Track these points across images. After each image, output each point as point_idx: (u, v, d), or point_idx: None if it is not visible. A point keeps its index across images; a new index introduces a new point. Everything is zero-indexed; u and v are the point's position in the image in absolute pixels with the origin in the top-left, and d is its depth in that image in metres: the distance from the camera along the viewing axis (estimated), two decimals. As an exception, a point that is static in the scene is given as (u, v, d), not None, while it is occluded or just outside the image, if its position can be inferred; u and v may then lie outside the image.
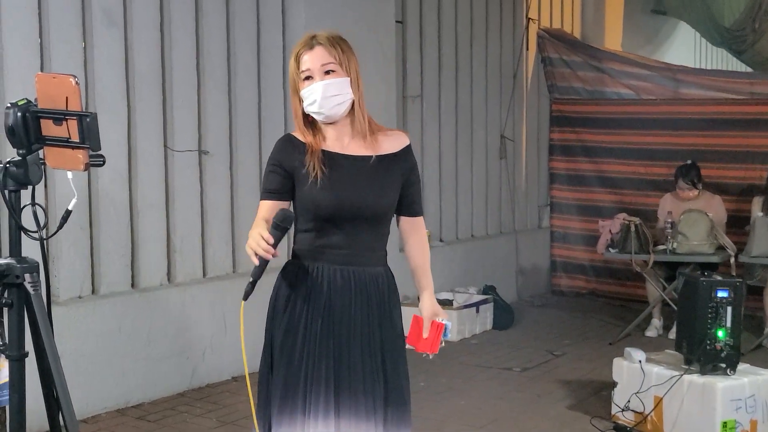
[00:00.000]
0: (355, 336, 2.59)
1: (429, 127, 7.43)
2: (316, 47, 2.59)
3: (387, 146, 2.67)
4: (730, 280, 4.51)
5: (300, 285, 2.63)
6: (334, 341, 2.59)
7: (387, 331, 2.67)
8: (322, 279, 2.61)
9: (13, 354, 2.36)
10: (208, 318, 5.40)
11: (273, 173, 2.65)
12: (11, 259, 2.35)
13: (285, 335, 2.62)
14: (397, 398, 2.65)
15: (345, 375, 2.57)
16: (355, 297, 2.61)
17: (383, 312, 2.67)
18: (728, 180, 7.53)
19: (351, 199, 2.57)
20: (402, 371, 2.70)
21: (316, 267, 2.62)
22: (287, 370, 2.59)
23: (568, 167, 8.69)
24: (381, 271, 2.70)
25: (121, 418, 4.80)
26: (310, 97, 2.58)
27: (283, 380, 2.59)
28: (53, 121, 2.25)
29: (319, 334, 2.58)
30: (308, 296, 2.61)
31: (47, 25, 4.66)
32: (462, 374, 5.78)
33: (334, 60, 2.58)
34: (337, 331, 2.59)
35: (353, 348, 2.59)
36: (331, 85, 2.55)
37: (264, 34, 5.85)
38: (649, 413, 4.45)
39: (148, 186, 5.19)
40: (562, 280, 8.73)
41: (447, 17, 7.61)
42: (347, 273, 2.61)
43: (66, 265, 4.79)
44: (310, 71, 2.58)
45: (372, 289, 2.64)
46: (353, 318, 2.60)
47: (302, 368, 2.57)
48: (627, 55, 8.89)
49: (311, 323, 2.59)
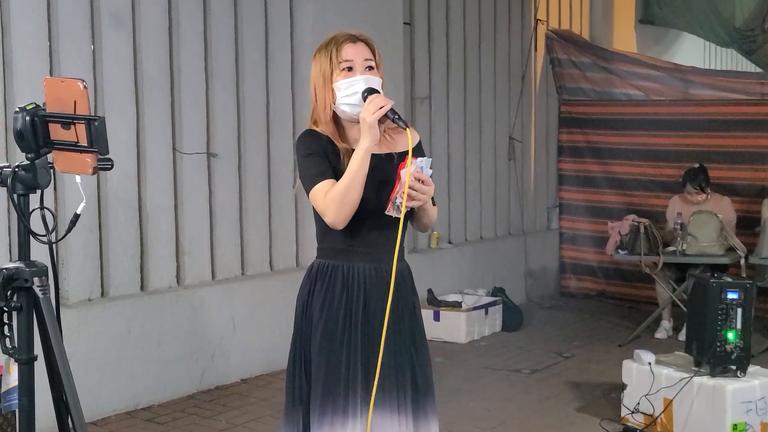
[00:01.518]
0: (388, 332, 2.58)
1: (437, 128, 7.42)
2: (359, 42, 2.59)
3: (402, 143, 2.65)
4: (740, 281, 4.49)
5: (335, 285, 2.61)
6: (372, 340, 2.58)
7: (414, 326, 2.70)
8: (358, 278, 2.60)
9: (22, 357, 2.36)
10: (217, 320, 5.41)
11: (315, 156, 2.56)
12: (20, 263, 2.35)
13: (322, 337, 2.59)
14: (426, 391, 2.69)
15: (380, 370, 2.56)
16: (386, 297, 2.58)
17: (408, 306, 2.69)
18: (738, 181, 7.50)
19: (381, 197, 2.55)
20: (428, 363, 2.73)
21: (350, 267, 2.61)
22: (327, 371, 2.58)
23: (576, 168, 8.67)
24: (405, 266, 2.72)
25: (130, 420, 4.81)
26: (349, 88, 2.54)
27: (323, 382, 2.58)
28: (61, 125, 2.25)
29: (360, 335, 2.59)
30: (344, 296, 2.60)
31: (56, 28, 4.68)
32: (471, 376, 5.77)
33: (373, 59, 2.60)
34: (376, 329, 2.58)
35: (387, 344, 2.58)
36: (371, 80, 2.55)
37: (272, 36, 5.86)
38: (658, 415, 4.43)
39: (157, 188, 5.20)
40: (571, 281, 8.70)
41: (455, 18, 7.61)
42: (380, 270, 2.61)
43: (75, 268, 4.80)
44: (353, 63, 2.56)
45: (401, 285, 2.65)
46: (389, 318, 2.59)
47: (341, 369, 2.57)
48: (636, 56, 8.86)
49: (350, 325, 2.59)
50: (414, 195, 2.49)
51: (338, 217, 2.50)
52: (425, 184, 2.50)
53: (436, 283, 7.01)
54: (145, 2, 5.10)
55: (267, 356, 5.54)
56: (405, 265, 2.73)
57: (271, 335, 5.49)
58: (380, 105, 2.47)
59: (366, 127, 2.48)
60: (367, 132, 2.47)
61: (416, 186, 2.48)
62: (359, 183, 2.48)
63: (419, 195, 2.50)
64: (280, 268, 5.93)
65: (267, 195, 5.84)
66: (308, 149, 2.59)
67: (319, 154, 2.57)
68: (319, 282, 2.64)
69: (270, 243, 5.89)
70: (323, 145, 2.58)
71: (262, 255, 5.83)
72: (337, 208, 2.49)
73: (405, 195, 2.46)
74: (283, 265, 5.95)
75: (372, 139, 2.48)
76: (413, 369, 2.67)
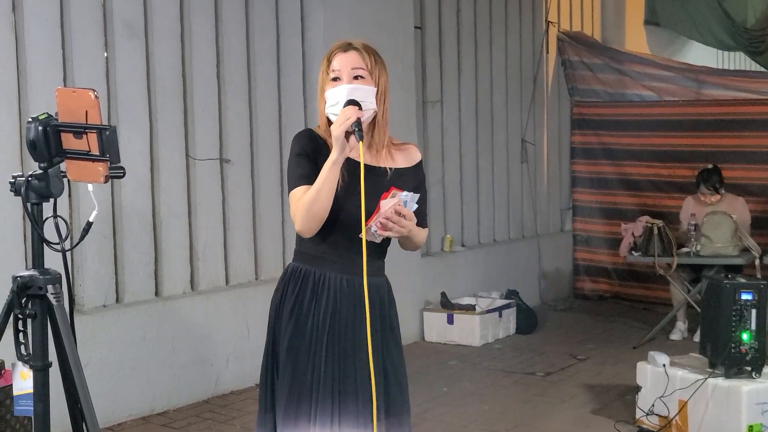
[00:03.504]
0: (360, 344, 2.58)
1: (449, 132, 7.43)
2: (350, 51, 2.58)
3: (401, 160, 2.67)
4: (754, 282, 4.46)
5: (305, 290, 2.61)
6: (340, 348, 2.59)
7: (389, 341, 2.68)
8: (328, 286, 2.60)
9: (37, 364, 2.39)
10: (231, 325, 5.43)
11: (304, 158, 2.56)
12: (34, 271, 2.38)
13: (291, 340, 2.61)
14: (400, 406, 2.66)
15: (350, 382, 2.57)
16: (360, 306, 2.58)
17: (384, 322, 2.68)
18: (752, 181, 7.47)
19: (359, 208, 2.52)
20: (403, 380, 2.70)
21: (322, 274, 2.60)
22: (293, 374, 2.59)
23: (589, 170, 8.66)
24: (382, 282, 2.70)
25: (145, 425, 4.84)
26: (333, 98, 2.54)
27: (289, 385, 2.59)
28: (73, 135, 2.27)
29: (326, 340, 2.58)
30: (314, 302, 2.60)
31: (69, 37, 4.73)
32: (485, 379, 5.77)
33: (365, 67, 2.57)
34: (343, 339, 2.59)
35: (357, 356, 2.58)
36: (356, 90, 2.53)
37: (283, 42, 5.89)
38: (673, 417, 4.41)
39: (171, 195, 5.24)
40: (585, 283, 8.69)
41: (466, 22, 7.62)
42: (352, 282, 2.59)
43: (90, 275, 4.84)
44: (339, 73, 2.56)
45: (375, 299, 2.63)
46: (357, 327, 2.60)
47: (308, 373, 2.57)
48: (648, 56, 8.84)
49: (317, 329, 2.59)
50: (390, 227, 2.49)
51: (304, 225, 2.52)
52: (405, 218, 2.50)
53: (450, 286, 7.02)
54: (158, 11, 5.14)
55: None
56: (383, 281, 2.70)
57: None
58: (348, 117, 2.46)
59: (334, 140, 2.47)
60: (336, 145, 2.46)
61: (394, 219, 2.48)
62: (326, 195, 2.47)
63: (396, 227, 2.49)
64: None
65: (280, 200, 5.86)
66: (300, 149, 2.60)
67: (308, 157, 2.57)
68: (291, 285, 2.64)
69: (283, 248, 5.91)
70: (319, 147, 2.59)
71: (275, 260, 5.85)
72: (302, 216, 2.50)
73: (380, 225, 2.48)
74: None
75: (340, 151, 2.46)
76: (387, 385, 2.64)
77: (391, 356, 2.67)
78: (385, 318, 2.68)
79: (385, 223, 2.48)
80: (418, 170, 2.71)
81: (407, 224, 2.50)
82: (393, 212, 2.46)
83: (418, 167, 2.72)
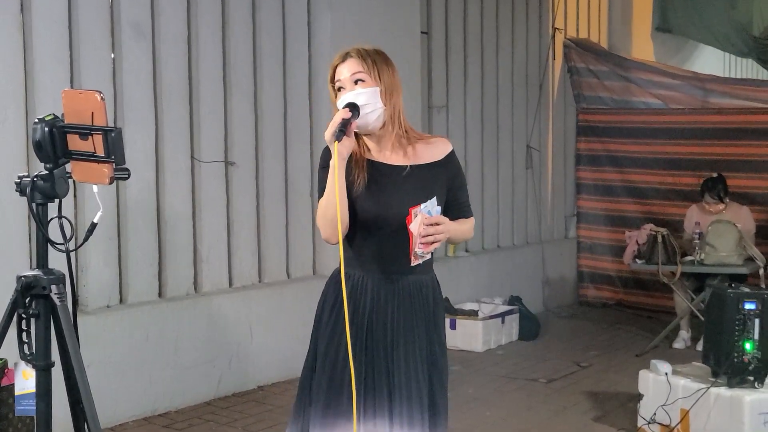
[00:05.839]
0: (398, 346, 2.61)
1: (455, 137, 7.42)
2: (347, 59, 2.63)
3: (427, 155, 2.69)
4: (758, 291, 4.46)
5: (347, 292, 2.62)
6: (377, 350, 2.61)
7: (434, 344, 2.70)
8: (366, 288, 2.64)
9: (39, 364, 2.40)
10: (234, 327, 5.44)
11: (325, 171, 2.63)
12: (38, 271, 2.39)
13: (329, 342, 2.65)
14: (439, 410, 2.70)
15: (387, 384, 2.60)
16: (399, 307, 2.62)
17: (429, 323, 2.69)
18: (757, 190, 7.45)
19: (391, 208, 2.59)
20: (445, 384, 2.74)
21: (361, 276, 2.65)
22: (331, 376, 2.62)
23: (594, 177, 8.65)
24: (426, 280, 2.71)
25: (147, 426, 4.85)
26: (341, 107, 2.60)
27: (326, 386, 2.62)
28: (79, 136, 2.29)
29: (365, 342, 2.62)
30: (353, 304, 2.62)
31: (77, 39, 4.74)
32: (488, 385, 5.76)
33: (363, 70, 2.61)
34: (381, 341, 2.62)
35: (396, 358, 2.60)
36: (359, 94, 2.58)
37: (290, 46, 5.90)
38: (675, 426, 4.41)
39: (176, 196, 5.25)
40: (589, 290, 8.67)
41: (472, 27, 7.62)
42: (391, 282, 2.63)
43: (94, 275, 4.86)
44: (342, 82, 2.63)
45: (417, 299, 2.66)
46: (397, 328, 2.62)
47: (345, 376, 2.58)
48: (654, 64, 8.84)
49: (356, 332, 2.61)
50: (432, 240, 2.55)
51: (324, 233, 2.63)
52: (438, 223, 2.55)
53: (453, 292, 7.01)
54: (165, 13, 5.16)
55: (284, 363, 5.56)
56: (428, 279, 2.72)
57: (288, 342, 5.51)
58: (335, 121, 2.51)
59: (328, 144, 2.53)
60: (332, 150, 2.51)
61: (431, 231, 2.53)
62: (334, 200, 2.50)
63: (437, 236, 2.55)
64: (297, 276, 5.96)
65: (284, 203, 5.87)
66: (322, 162, 2.67)
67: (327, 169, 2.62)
68: (332, 288, 2.70)
69: (287, 251, 5.92)
70: None
71: (279, 263, 5.86)
72: (320, 224, 2.62)
73: (422, 243, 2.54)
74: (300, 273, 5.98)
75: (336, 156, 2.50)
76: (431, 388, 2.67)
77: (434, 355, 2.70)
78: (429, 318, 2.69)
79: (426, 240, 2.54)
80: (449, 161, 2.73)
81: (444, 228, 2.56)
82: (425, 228, 2.52)
83: (449, 158, 2.74)
